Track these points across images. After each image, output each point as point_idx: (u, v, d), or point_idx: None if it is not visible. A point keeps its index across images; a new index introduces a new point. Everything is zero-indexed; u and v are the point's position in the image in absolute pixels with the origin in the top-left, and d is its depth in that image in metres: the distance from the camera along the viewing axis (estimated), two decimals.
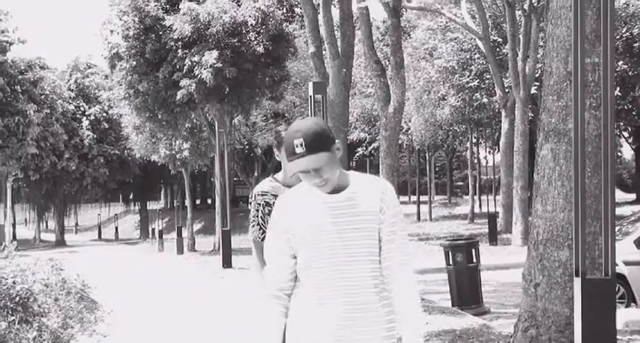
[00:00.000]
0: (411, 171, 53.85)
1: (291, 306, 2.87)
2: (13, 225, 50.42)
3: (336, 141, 2.80)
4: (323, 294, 2.76)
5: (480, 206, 43.98)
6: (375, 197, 2.82)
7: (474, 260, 10.41)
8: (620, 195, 40.01)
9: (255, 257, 4.24)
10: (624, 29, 28.91)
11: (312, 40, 15.35)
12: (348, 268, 2.75)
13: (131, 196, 63.10)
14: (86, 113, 47.76)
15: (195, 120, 29.47)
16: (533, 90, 24.13)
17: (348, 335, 2.76)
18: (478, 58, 31.38)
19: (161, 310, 11.71)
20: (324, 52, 15.77)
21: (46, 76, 43.50)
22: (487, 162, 56.17)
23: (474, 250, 10.47)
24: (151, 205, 63.23)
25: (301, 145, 2.63)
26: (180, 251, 29.71)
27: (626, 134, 42.49)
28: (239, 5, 25.64)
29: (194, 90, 24.70)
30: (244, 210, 43.09)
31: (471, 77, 32.00)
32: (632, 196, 42.19)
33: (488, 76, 30.22)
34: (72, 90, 47.96)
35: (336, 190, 2.79)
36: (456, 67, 32.36)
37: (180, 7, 25.30)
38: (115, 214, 68.92)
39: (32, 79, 40.78)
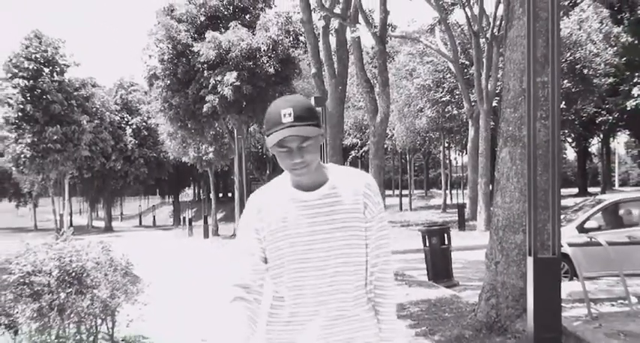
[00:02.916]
0: (394, 170, 53.90)
1: (263, 322, 2.12)
2: (70, 214, 50.45)
3: (322, 126, 2.05)
4: (298, 304, 2.04)
5: (451, 198, 43.98)
6: (358, 192, 2.06)
7: (446, 243, 10.42)
8: (564, 190, 40.00)
9: None
10: (568, 54, 28.89)
11: (314, 63, 15.34)
12: (326, 274, 2.01)
13: (166, 190, 63.11)
14: (129, 123, 47.81)
15: (218, 129, 29.48)
16: (494, 104, 24.10)
17: None
18: (449, 78, 31.37)
19: (191, 282, 11.75)
20: (323, 73, 15.77)
21: (97, 93, 43.60)
22: (457, 163, 56.25)
23: (446, 234, 10.48)
24: (182, 198, 63.32)
25: (290, 115, 1.91)
26: (206, 235, 29.73)
27: (569, 140, 42.51)
28: (254, 34, 25.67)
29: (217, 104, 24.75)
30: None
31: (443, 93, 32.00)
32: (575, 190, 42.20)
33: (457, 92, 30.22)
34: (118, 104, 48.02)
35: (313, 187, 2.04)
36: (432, 85, 32.36)
37: (205, 36, 25.35)
38: (153, 205, 69.06)
39: (85, 95, 40.87)
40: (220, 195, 60.88)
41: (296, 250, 2.01)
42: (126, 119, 47.93)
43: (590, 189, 42.74)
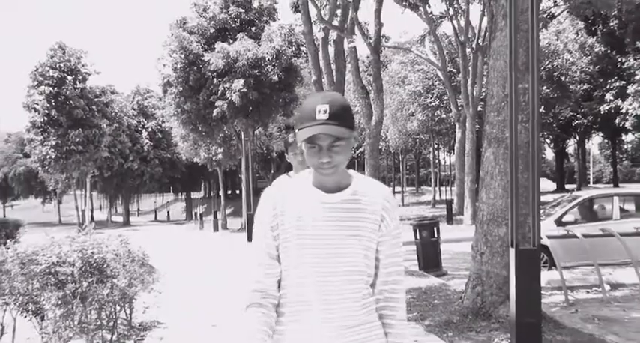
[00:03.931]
0: (388, 169, 53.90)
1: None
2: (92, 210, 50.47)
3: (356, 128, 1.78)
4: (303, 309, 1.77)
5: (440, 195, 43.99)
6: (377, 204, 1.81)
7: (435, 236, 10.41)
8: (543, 186, 39.98)
9: None
10: (547, 62, 28.91)
11: (314, 71, 15.33)
12: (332, 282, 1.75)
13: (179, 188, 63.14)
14: (145, 126, 47.85)
15: (226, 131, 29.49)
16: (479, 108, 24.13)
17: None
18: (438, 84, 31.39)
19: (202, 272, 11.75)
20: (323, 80, 15.76)
21: (116, 99, 43.63)
22: (445, 162, 56.24)
23: (435, 228, 10.47)
24: (194, 195, 63.28)
25: (325, 112, 1.67)
26: (215, 229, 29.73)
27: (548, 141, 42.55)
28: (259, 45, 25.67)
29: (226, 109, 24.73)
30: None
31: (433, 98, 32.00)
32: (553, 187, 42.21)
33: (445, 98, 30.23)
34: (135, 109, 48.05)
35: (334, 189, 1.79)
36: (422, 91, 32.37)
37: (215, 46, 25.35)
38: (167, 201, 69.08)
39: (105, 101, 40.89)
40: (229, 192, 60.86)
41: (306, 253, 1.75)
42: (142, 123, 47.96)
43: (567, 186, 42.75)
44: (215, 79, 25.25)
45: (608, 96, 29.40)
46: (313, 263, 1.74)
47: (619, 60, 29.45)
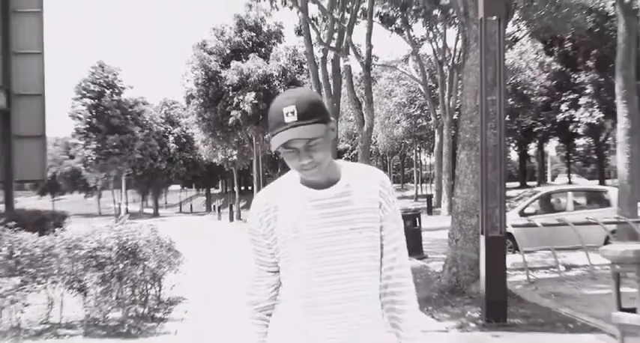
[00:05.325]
0: (377, 169, 53.92)
1: (269, 325, 1.55)
2: (126, 203, 50.35)
3: (332, 119, 1.42)
4: (308, 313, 1.43)
5: (422, 190, 43.96)
6: (373, 190, 1.48)
7: (417, 225, 10.39)
8: (508, 184, 39.82)
9: None
10: (512, 78, 28.90)
11: (314, 85, 15.33)
12: (338, 280, 1.41)
13: (200, 185, 63.08)
14: (171, 132, 47.80)
15: (240, 137, 29.46)
16: (454, 117, 24.12)
17: None
18: (420, 97, 31.37)
19: (219, 255, 11.74)
20: (322, 93, 15.75)
21: (146, 109, 43.61)
22: (426, 163, 56.19)
23: (417, 218, 10.43)
24: (213, 190, 63.12)
25: (292, 113, 1.33)
26: (231, 219, 29.72)
27: (513, 144, 42.54)
28: (268, 63, 25.68)
29: (240, 118, 24.74)
30: None
31: (415, 109, 31.99)
32: (517, 184, 42.19)
33: (426, 108, 30.21)
34: (162, 118, 48.01)
35: (325, 185, 1.45)
36: (406, 102, 32.36)
37: (230, 64, 25.36)
38: (190, 196, 68.84)
39: (137, 111, 40.88)
40: (242, 188, 60.79)
41: (308, 254, 1.42)
42: (169, 129, 47.91)
43: (529, 183, 42.73)
44: (231, 92, 25.25)
45: (563, 106, 29.43)
46: (316, 264, 1.42)
47: (572, 76, 29.47)
